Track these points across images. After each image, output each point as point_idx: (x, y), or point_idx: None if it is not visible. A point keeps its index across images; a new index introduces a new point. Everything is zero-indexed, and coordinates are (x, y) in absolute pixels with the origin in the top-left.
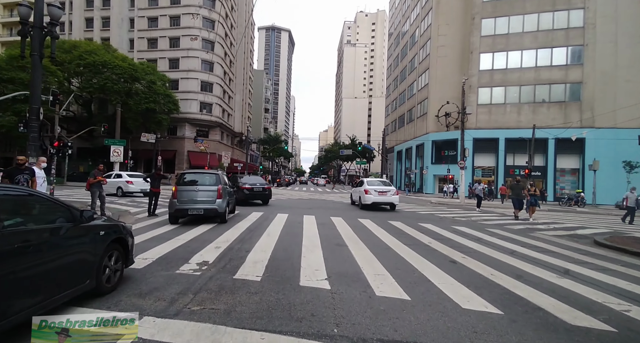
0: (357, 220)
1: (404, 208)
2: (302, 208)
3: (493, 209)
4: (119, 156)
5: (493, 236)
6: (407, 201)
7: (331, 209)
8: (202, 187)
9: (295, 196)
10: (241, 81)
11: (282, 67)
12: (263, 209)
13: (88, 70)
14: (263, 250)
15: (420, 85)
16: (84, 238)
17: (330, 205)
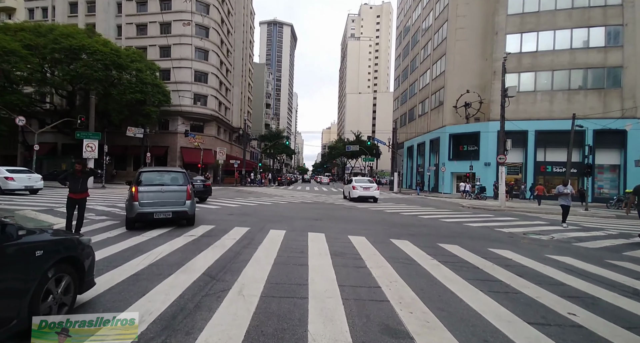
0: (394, 244)
1: (440, 216)
2: (306, 218)
3: (538, 214)
4: (92, 151)
5: None
6: (428, 204)
7: (345, 219)
8: (170, 187)
9: (297, 198)
10: (240, 73)
11: (285, 62)
12: (249, 222)
13: (64, 55)
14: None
15: (434, 73)
16: (8, 261)
17: (343, 213)
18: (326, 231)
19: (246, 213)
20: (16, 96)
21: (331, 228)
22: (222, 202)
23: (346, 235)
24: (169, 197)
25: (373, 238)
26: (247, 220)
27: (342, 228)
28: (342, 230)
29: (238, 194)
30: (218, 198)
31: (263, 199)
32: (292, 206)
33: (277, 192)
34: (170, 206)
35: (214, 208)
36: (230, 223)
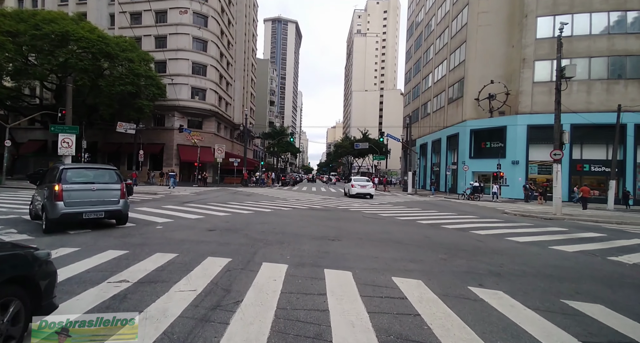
0: (486, 303)
1: (498, 231)
2: (317, 237)
3: (620, 226)
4: (69, 147)
5: None
6: (463, 210)
7: (373, 238)
8: (102, 185)
9: (303, 202)
10: (242, 67)
11: (289, 60)
12: (234, 245)
13: (46, 42)
14: None
15: (452, 64)
16: None
17: (367, 227)
18: (353, 266)
19: (234, 227)
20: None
21: (358, 257)
22: (209, 209)
23: (388, 274)
24: (100, 195)
25: (436, 282)
26: (231, 241)
27: (375, 258)
28: (376, 261)
29: (234, 197)
30: (207, 202)
31: (262, 204)
32: (297, 214)
33: (280, 194)
34: (102, 205)
35: (194, 219)
36: (204, 247)
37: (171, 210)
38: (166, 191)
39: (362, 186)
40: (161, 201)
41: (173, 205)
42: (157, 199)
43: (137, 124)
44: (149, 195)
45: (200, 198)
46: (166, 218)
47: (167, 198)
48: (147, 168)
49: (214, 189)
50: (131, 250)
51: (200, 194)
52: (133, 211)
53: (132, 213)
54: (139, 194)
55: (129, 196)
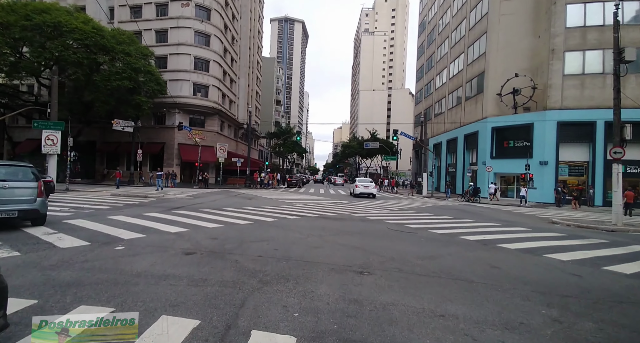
0: None
1: (583, 256)
2: (338, 267)
3: None
4: (54, 145)
5: None
6: (503, 219)
7: (419, 270)
8: (16, 183)
9: (311, 207)
10: (247, 64)
11: (296, 60)
12: (213, 285)
13: (37, 34)
14: None
15: (470, 58)
16: None
17: (404, 247)
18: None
19: (222, 247)
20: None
21: (414, 315)
22: (199, 217)
23: None
24: (14, 194)
25: None
26: (211, 277)
27: (440, 317)
28: (446, 327)
29: (233, 201)
30: (200, 208)
31: (264, 210)
32: (306, 225)
33: (285, 197)
34: (15, 204)
35: (174, 234)
36: (165, 291)
37: (151, 220)
38: (158, 193)
39: (365, 187)
40: (147, 207)
41: (157, 212)
42: (145, 203)
43: (136, 122)
44: (137, 199)
45: (194, 203)
46: (138, 232)
47: (156, 203)
48: (147, 168)
49: (214, 191)
50: (45, 297)
51: (197, 197)
52: (103, 220)
53: (98, 224)
54: (127, 197)
55: (49, 195)
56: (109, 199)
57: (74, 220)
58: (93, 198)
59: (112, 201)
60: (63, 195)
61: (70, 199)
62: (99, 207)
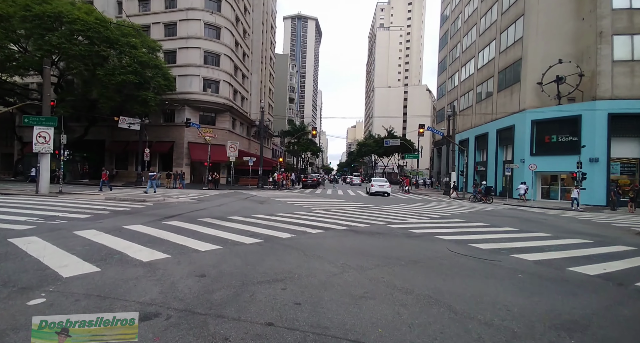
0: None
1: None
2: None
3: None
4: (46, 142)
5: None
6: (568, 231)
7: None
8: None
9: (334, 214)
10: (259, 59)
11: (309, 58)
12: None
13: (36, 25)
14: None
15: (504, 43)
16: None
17: (525, 305)
18: None
19: (209, 302)
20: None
21: None
22: (193, 233)
23: None
24: None
25: None
26: None
27: None
28: None
29: (242, 205)
30: (199, 217)
31: (278, 220)
32: (336, 245)
33: (302, 199)
34: None
35: (145, 263)
36: None
37: (127, 237)
38: (157, 197)
39: (380, 186)
40: (136, 215)
41: (143, 224)
42: (137, 210)
43: (143, 119)
44: (132, 204)
45: (196, 208)
46: (93, 263)
47: (151, 209)
48: (156, 168)
49: (223, 193)
50: None
51: (203, 200)
52: (63, 238)
53: (51, 245)
54: (122, 202)
55: None
56: (100, 203)
57: (24, 238)
58: (81, 203)
59: (100, 207)
60: (50, 199)
61: (53, 205)
62: (78, 215)
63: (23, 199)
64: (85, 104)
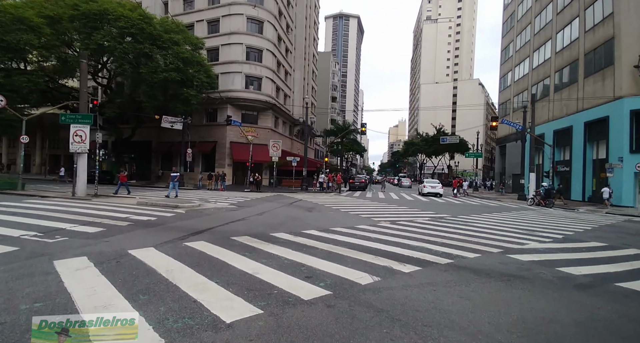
0: None
1: None
2: None
3: None
4: (82, 142)
5: None
6: None
7: None
8: None
9: (413, 232)
10: (302, 55)
11: (350, 57)
12: None
13: (83, 24)
14: None
15: (591, 21)
16: None
17: None
18: None
19: None
20: (26, 77)
21: None
22: (218, 268)
23: None
24: None
25: None
26: None
27: None
28: None
29: (288, 214)
30: (234, 234)
31: (337, 239)
32: (469, 319)
33: (355, 205)
34: None
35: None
36: None
37: (120, 278)
38: (187, 202)
39: (432, 187)
40: (158, 229)
41: (157, 247)
42: (164, 220)
43: (186, 118)
44: (162, 210)
45: (232, 218)
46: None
47: (181, 218)
48: (199, 168)
49: (265, 197)
50: None
51: (242, 206)
52: (18, 273)
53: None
54: (153, 207)
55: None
56: (127, 209)
57: None
58: (106, 209)
59: (122, 216)
60: (79, 203)
61: (74, 212)
62: (88, 229)
63: (51, 203)
64: (131, 105)
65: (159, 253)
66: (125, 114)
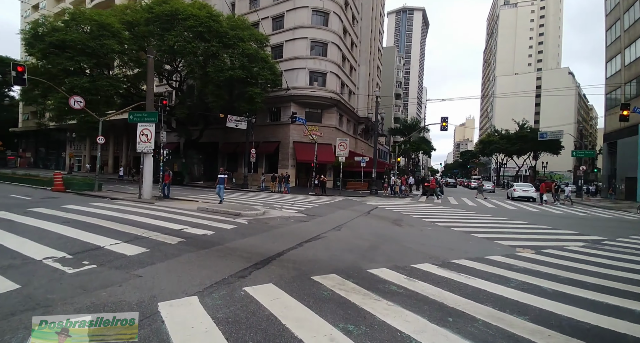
0: None
1: None
2: None
3: None
4: (148, 141)
5: None
6: None
7: None
8: None
9: (575, 266)
10: (367, 49)
11: (414, 52)
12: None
13: (157, 26)
14: None
15: None
16: None
17: None
18: None
19: None
20: (108, 81)
21: None
22: None
23: None
24: None
25: None
26: None
27: None
28: None
29: (370, 227)
30: (309, 274)
31: (479, 292)
32: None
33: (452, 217)
34: None
35: None
36: None
37: None
38: (251, 209)
39: (524, 190)
40: (210, 254)
41: (205, 293)
42: (221, 236)
43: (250, 118)
44: (223, 220)
45: (305, 235)
46: None
47: (242, 233)
48: (262, 169)
49: (333, 202)
50: None
51: (312, 215)
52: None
53: None
54: (214, 214)
55: None
56: (183, 218)
57: None
58: (164, 217)
59: (176, 228)
60: (140, 207)
61: (130, 219)
62: (129, 248)
63: (112, 207)
64: (200, 106)
65: (203, 312)
66: (194, 116)
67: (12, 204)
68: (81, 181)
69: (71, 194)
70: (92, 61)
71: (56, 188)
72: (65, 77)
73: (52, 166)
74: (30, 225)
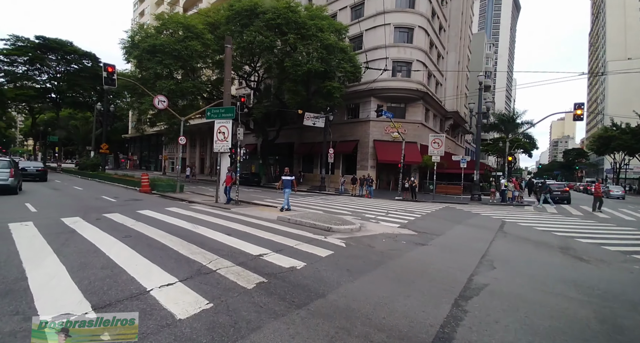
0: None
1: None
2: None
3: None
4: (225, 140)
5: None
6: None
7: None
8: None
9: None
10: (457, 33)
11: (503, 39)
12: None
13: (236, 23)
14: None
15: None
16: None
17: None
18: None
19: None
20: (192, 83)
21: None
22: None
23: None
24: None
25: None
26: None
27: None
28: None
29: (529, 258)
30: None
31: None
32: None
33: (624, 239)
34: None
35: None
36: None
37: None
38: (343, 223)
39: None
40: (306, 320)
41: None
42: (315, 272)
43: (328, 114)
44: (309, 239)
45: (435, 275)
46: None
47: (338, 264)
48: (339, 171)
49: (433, 210)
50: None
51: (421, 231)
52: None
53: None
54: (295, 230)
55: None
56: (262, 234)
57: None
58: (239, 231)
59: (253, 254)
60: (215, 217)
61: (197, 237)
62: (184, 290)
63: (185, 215)
64: (277, 105)
65: None
66: (270, 116)
67: (95, 207)
68: (165, 183)
69: (155, 196)
70: (178, 64)
71: (143, 189)
72: (155, 81)
73: (152, 167)
74: (84, 244)
